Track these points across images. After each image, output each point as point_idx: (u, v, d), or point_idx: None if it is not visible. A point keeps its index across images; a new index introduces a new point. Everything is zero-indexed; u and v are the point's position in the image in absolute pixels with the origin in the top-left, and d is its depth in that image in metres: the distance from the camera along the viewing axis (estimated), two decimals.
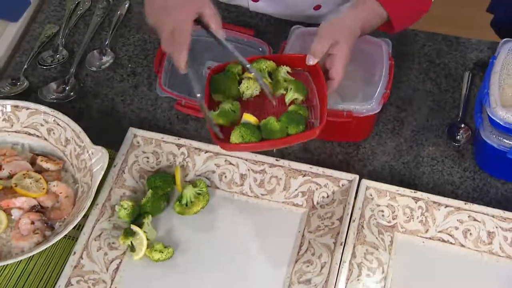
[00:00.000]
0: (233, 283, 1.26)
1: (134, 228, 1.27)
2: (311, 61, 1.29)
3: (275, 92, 1.30)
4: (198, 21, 1.24)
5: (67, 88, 1.51)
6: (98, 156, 1.30)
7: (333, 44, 1.28)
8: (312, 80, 1.33)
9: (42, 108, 1.38)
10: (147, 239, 1.28)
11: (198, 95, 1.22)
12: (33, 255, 1.26)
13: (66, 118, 1.36)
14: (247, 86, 1.30)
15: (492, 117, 1.25)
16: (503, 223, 1.27)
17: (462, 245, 1.28)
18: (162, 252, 1.26)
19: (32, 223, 1.26)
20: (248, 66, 1.26)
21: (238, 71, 1.32)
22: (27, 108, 1.38)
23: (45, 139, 1.38)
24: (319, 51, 1.29)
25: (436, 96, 1.50)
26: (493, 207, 1.29)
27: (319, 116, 1.26)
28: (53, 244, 1.22)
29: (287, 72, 1.32)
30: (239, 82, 1.32)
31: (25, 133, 1.39)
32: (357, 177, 1.32)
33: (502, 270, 1.26)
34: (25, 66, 1.54)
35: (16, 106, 1.38)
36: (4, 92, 1.49)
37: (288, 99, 1.28)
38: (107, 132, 1.42)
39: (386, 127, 1.45)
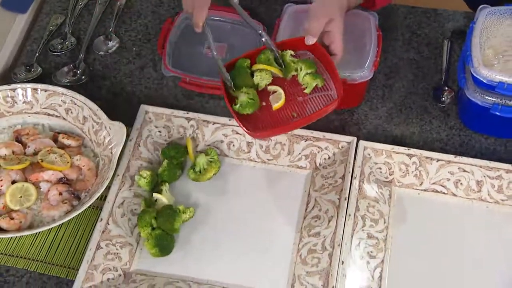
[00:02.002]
0: (250, 239, 1.36)
1: (156, 195, 1.37)
2: (310, 40, 1.39)
3: (287, 75, 1.42)
4: None
5: (78, 71, 1.60)
6: (116, 131, 1.40)
7: (328, 22, 1.38)
8: (316, 58, 1.44)
9: (60, 89, 1.47)
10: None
11: (215, 53, 1.39)
12: (61, 225, 1.36)
13: (82, 98, 1.45)
14: (260, 77, 1.42)
15: (476, 76, 1.37)
16: (490, 172, 1.39)
17: (454, 194, 1.40)
18: (185, 213, 1.36)
19: (60, 194, 1.36)
20: (260, 32, 1.43)
21: (247, 65, 1.43)
22: (46, 90, 1.48)
23: (64, 118, 1.48)
24: (316, 30, 1.38)
25: (419, 63, 1.62)
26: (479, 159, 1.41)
27: (335, 87, 1.38)
28: (79, 213, 1.32)
29: (291, 55, 1.43)
30: (252, 75, 1.43)
31: (45, 114, 1.48)
32: (355, 139, 1.43)
33: (491, 215, 1.38)
34: (37, 54, 1.63)
35: (35, 89, 1.48)
36: (20, 78, 1.58)
37: (301, 76, 1.40)
38: (118, 111, 1.50)
39: (376, 94, 1.57)
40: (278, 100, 1.39)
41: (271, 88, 1.41)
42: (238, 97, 1.38)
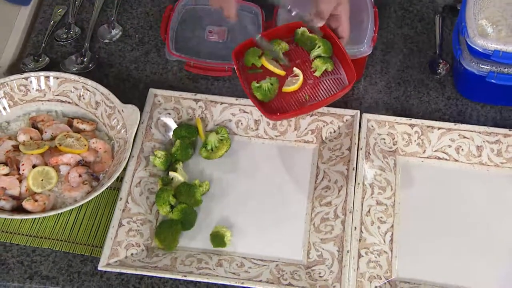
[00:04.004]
0: (264, 212, 1.42)
1: (172, 173, 1.42)
2: (320, 23, 1.42)
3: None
4: None
5: (85, 60, 1.64)
6: (129, 113, 1.45)
7: (336, 5, 1.41)
8: None
9: (72, 76, 1.51)
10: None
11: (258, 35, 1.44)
12: (81, 206, 1.40)
13: (94, 83, 1.50)
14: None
15: (472, 45, 1.43)
16: (489, 137, 1.46)
17: (456, 160, 1.47)
18: (201, 186, 1.41)
19: (80, 176, 1.40)
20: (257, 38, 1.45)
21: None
22: (57, 78, 1.51)
23: (76, 104, 1.52)
24: (326, 13, 1.42)
25: (413, 38, 1.69)
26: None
27: (345, 71, 1.44)
28: (98, 194, 1.36)
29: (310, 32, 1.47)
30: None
31: (57, 100, 1.52)
32: (359, 112, 1.49)
33: (492, 177, 1.46)
34: (43, 44, 1.67)
35: (47, 77, 1.51)
36: (29, 68, 1.62)
37: (313, 55, 1.45)
38: (127, 96, 1.53)
39: (374, 69, 1.63)
40: (293, 84, 1.43)
41: (294, 70, 1.45)
42: (261, 83, 1.42)
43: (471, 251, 1.36)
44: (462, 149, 1.47)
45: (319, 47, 1.45)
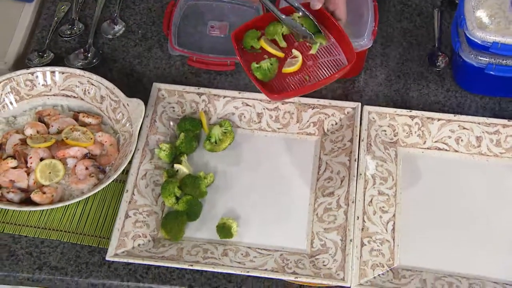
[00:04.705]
0: (269, 203, 1.44)
1: (177, 166, 1.44)
2: (317, 5, 1.44)
3: (298, 39, 1.48)
4: None
5: (89, 55, 1.66)
6: (134, 107, 1.47)
7: None
8: (321, 23, 1.48)
9: (77, 71, 1.53)
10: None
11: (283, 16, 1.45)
12: (88, 198, 1.43)
13: (99, 78, 1.52)
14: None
15: (471, 38, 1.46)
16: (488, 127, 1.49)
17: (456, 151, 1.49)
18: (206, 178, 1.44)
19: (87, 168, 1.42)
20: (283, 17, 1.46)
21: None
22: (63, 73, 1.53)
23: (82, 99, 1.54)
24: None
25: (413, 32, 1.71)
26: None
27: (343, 50, 1.44)
28: (104, 187, 1.38)
29: (298, 17, 1.48)
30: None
31: (63, 95, 1.54)
32: (360, 104, 1.51)
33: (491, 167, 1.48)
34: (47, 40, 1.69)
35: (53, 72, 1.53)
36: (34, 64, 1.64)
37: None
38: (131, 91, 1.55)
39: (374, 62, 1.66)
40: (293, 65, 1.45)
41: (294, 52, 1.47)
42: (260, 64, 1.44)
43: (471, 239, 1.39)
44: (461, 140, 1.49)
45: (303, 26, 1.46)
